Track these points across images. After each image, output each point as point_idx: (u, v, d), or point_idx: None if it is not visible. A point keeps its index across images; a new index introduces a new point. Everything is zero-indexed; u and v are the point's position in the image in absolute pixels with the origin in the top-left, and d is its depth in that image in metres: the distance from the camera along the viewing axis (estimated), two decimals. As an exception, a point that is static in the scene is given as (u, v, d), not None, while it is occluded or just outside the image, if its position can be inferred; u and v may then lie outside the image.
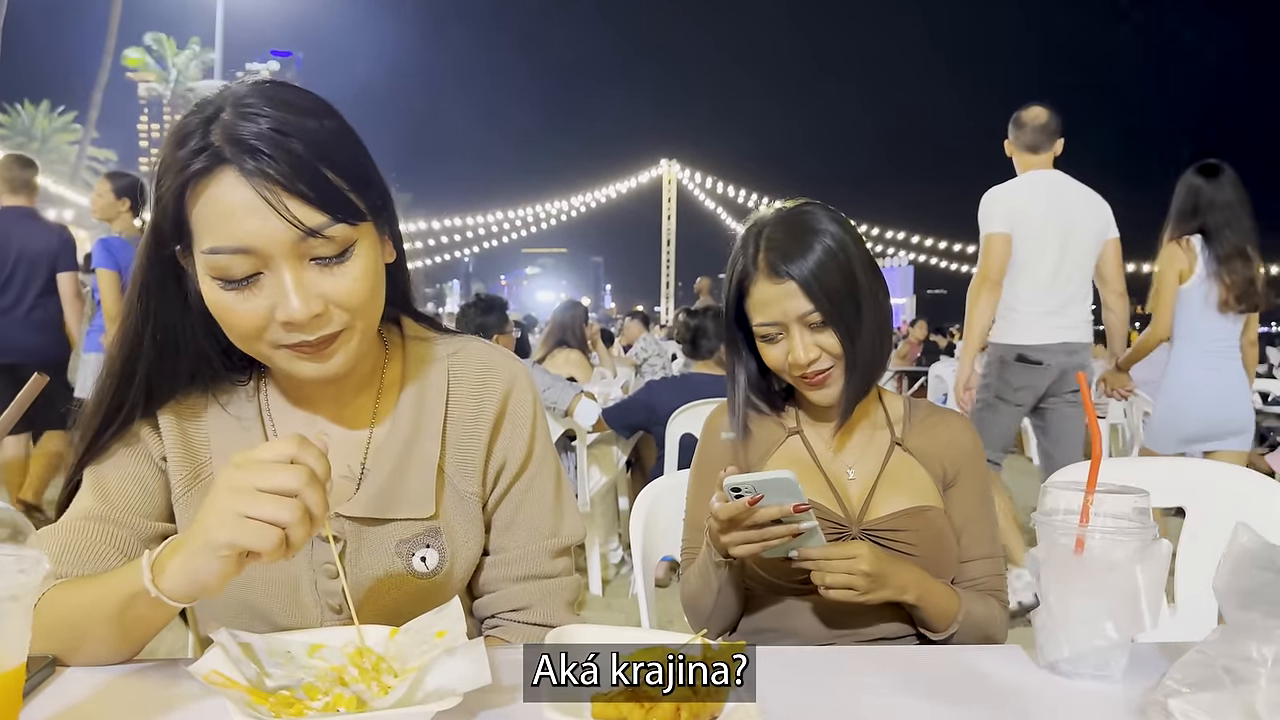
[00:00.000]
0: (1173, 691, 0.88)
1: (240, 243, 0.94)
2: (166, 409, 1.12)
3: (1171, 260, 3.71)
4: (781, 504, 1.24)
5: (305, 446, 0.87)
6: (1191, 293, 3.68)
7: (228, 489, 0.85)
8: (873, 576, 1.30)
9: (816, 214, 1.46)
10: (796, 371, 1.44)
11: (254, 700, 0.81)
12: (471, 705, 0.86)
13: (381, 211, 1.06)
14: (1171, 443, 3.79)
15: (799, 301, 1.40)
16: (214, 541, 0.84)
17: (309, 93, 1.03)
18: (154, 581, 0.88)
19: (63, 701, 0.89)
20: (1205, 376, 3.71)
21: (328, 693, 0.86)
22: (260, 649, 0.91)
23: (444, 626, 0.93)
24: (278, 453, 0.86)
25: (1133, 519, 1.00)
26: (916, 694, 0.97)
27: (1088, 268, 3.90)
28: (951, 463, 1.51)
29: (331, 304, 0.99)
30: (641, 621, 1.59)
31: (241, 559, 0.86)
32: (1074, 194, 3.90)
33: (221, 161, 0.94)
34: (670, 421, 3.75)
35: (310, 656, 0.93)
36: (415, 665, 0.90)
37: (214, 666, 0.84)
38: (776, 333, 1.44)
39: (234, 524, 0.83)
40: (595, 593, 4.29)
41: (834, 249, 1.41)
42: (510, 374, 1.23)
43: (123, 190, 5.02)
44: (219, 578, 0.86)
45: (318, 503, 0.85)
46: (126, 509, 1.09)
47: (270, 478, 0.84)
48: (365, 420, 1.17)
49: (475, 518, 1.19)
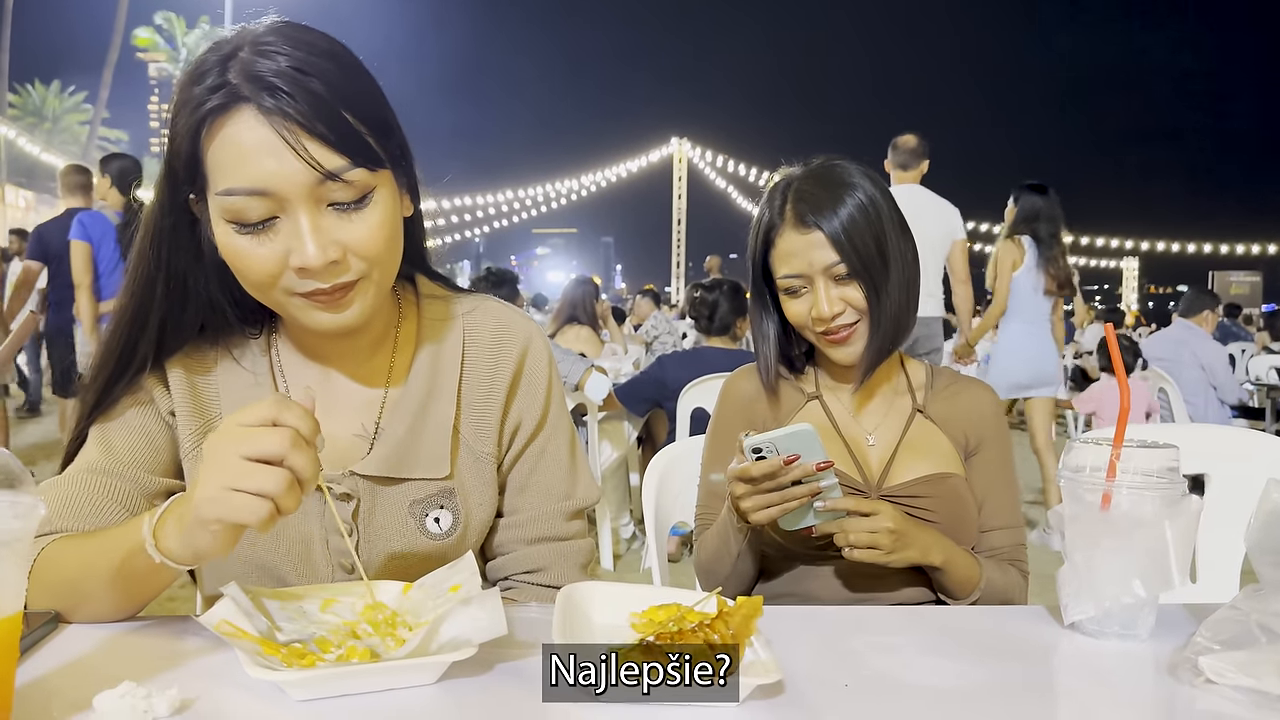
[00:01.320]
0: (1204, 649, 0.85)
1: (256, 184, 0.91)
2: (176, 362, 1.10)
3: (1008, 253, 4.97)
4: (802, 463, 1.21)
5: (286, 406, 0.83)
6: (1023, 279, 4.90)
7: (212, 459, 0.82)
8: (897, 534, 1.27)
9: (847, 168, 1.42)
10: (819, 327, 1.40)
11: (265, 651, 0.80)
12: (487, 658, 0.84)
13: (400, 162, 1.03)
14: (1004, 389, 4.90)
15: (825, 252, 1.37)
16: (204, 518, 0.82)
17: (328, 35, 0.99)
18: (156, 545, 0.86)
19: (64, 656, 0.88)
20: (1029, 341, 4.97)
21: (340, 645, 0.85)
22: (271, 603, 0.90)
23: (458, 580, 0.92)
24: (259, 415, 0.82)
25: (1161, 475, 0.97)
26: (938, 654, 0.94)
27: (934, 262, 4.87)
28: (974, 430, 1.48)
29: (348, 251, 0.96)
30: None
31: (237, 528, 0.83)
32: (927, 203, 4.98)
33: (239, 99, 0.91)
34: (681, 396, 3.72)
35: (323, 611, 0.92)
36: (430, 619, 0.88)
37: (224, 616, 0.83)
38: (801, 285, 1.41)
39: (221, 500, 0.80)
40: (607, 568, 4.28)
41: (864, 203, 1.38)
42: (526, 334, 1.20)
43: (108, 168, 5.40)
44: (217, 549, 0.84)
45: (305, 466, 0.81)
46: (132, 464, 1.07)
47: (253, 444, 0.80)
48: (380, 378, 1.15)
49: (490, 479, 1.17)
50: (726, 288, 4.31)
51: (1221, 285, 29.56)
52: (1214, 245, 38.62)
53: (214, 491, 0.80)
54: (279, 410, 0.82)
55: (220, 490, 0.80)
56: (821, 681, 0.85)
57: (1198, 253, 38.97)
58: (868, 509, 1.27)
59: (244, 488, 0.80)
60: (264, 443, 0.80)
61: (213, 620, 0.81)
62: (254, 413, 0.82)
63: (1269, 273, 30.38)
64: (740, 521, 1.34)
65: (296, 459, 0.81)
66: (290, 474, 0.81)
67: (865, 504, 1.28)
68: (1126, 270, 40.49)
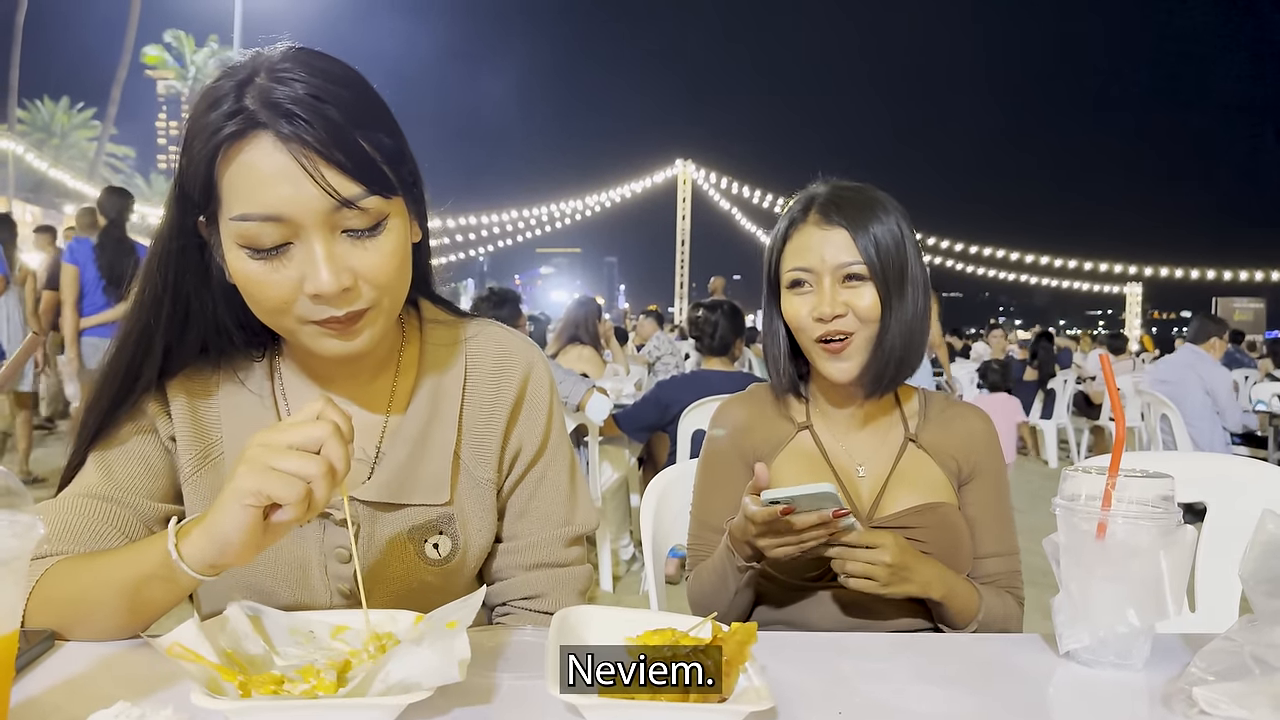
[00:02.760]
0: (1198, 680, 0.85)
1: (272, 210, 0.92)
2: (177, 386, 1.10)
3: None
4: (821, 511, 1.21)
5: (330, 405, 0.87)
6: None
7: (259, 444, 0.85)
8: (894, 568, 1.26)
9: (876, 192, 1.42)
10: (817, 330, 1.39)
11: (224, 676, 0.78)
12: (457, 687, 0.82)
13: (411, 189, 1.03)
14: None
15: (842, 250, 1.36)
16: (241, 488, 0.84)
17: (342, 62, 1.00)
18: (176, 547, 0.87)
19: (60, 675, 0.88)
20: None
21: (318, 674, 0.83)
22: (279, 625, 0.89)
23: (456, 618, 0.90)
24: (307, 412, 0.87)
25: (1156, 504, 0.97)
26: (932, 681, 0.94)
27: None
28: (967, 458, 1.47)
29: (361, 279, 0.96)
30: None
31: (263, 521, 0.85)
32: None
33: (256, 125, 0.92)
34: (682, 418, 3.73)
35: (333, 638, 0.91)
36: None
37: (177, 639, 0.81)
38: (807, 281, 1.40)
39: (262, 473, 0.83)
40: (606, 589, 4.27)
41: (892, 225, 1.38)
42: (528, 360, 1.21)
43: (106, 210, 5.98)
44: (241, 533, 0.84)
45: (341, 456, 0.85)
46: (131, 489, 1.07)
47: (297, 433, 0.85)
48: (382, 403, 1.15)
49: (489, 504, 1.17)
50: (726, 308, 4.33)
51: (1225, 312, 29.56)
52: (1218, 272, 38.63)
53: (256, 466, 0.84)
54: (324, 405, 0.87)
55: (262, 467, 0.83)
56: (815, 708, 0.85)
57: (1201, 279, 38.98)
58: (870, 542, 1.26)
59: (284, 468, 0.83)
60: (309, 430, 0.85)
61: (164, 644, 0.79)
62: (303, 411, 0.87)
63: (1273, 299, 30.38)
64: (743, 561, 1.33)
65: (334, 448, 0.85)
66: (327, 461, 0.84)
67: (869, 536, 1.27)
68: (1130, 296, 40.50)
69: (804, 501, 1.20)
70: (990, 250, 38.56)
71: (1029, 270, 40.27)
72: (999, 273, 40.04)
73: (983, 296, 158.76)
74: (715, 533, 1.49)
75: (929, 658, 1.03)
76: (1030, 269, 40.11)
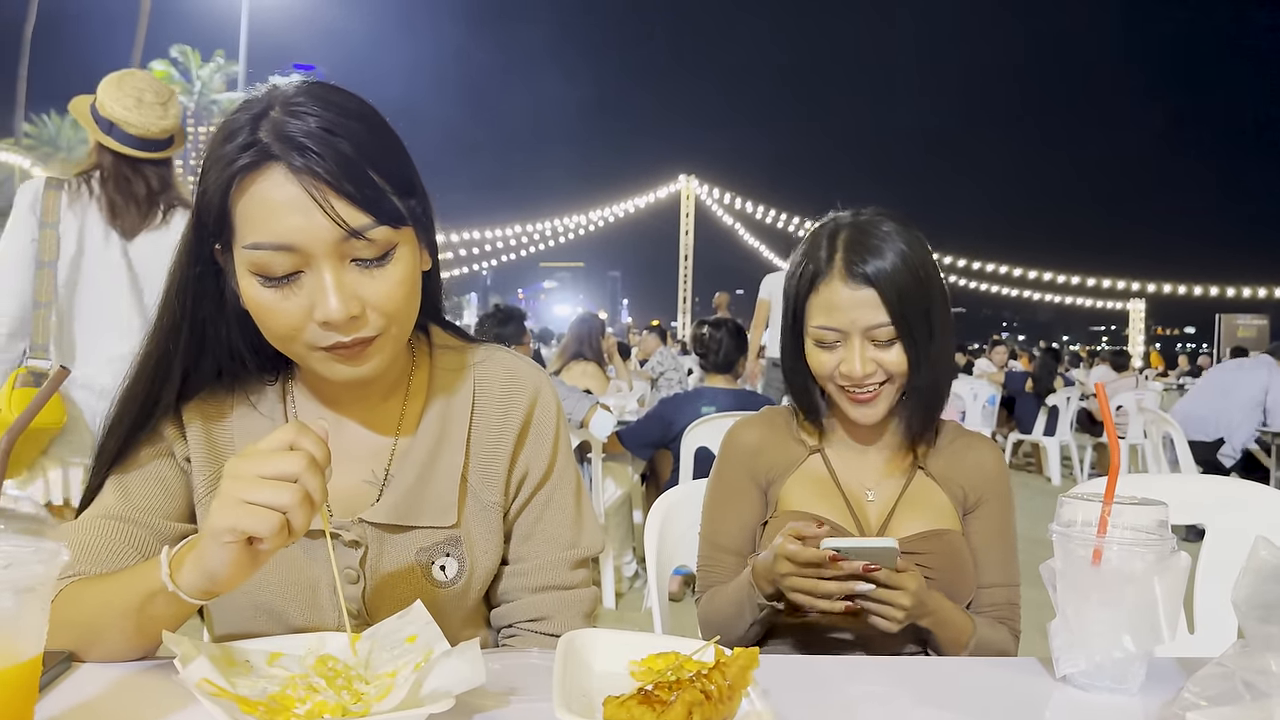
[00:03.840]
0: (1191, 705, 0.87)
1: (283, 239, 0.95)
2: (192, 409, 1.13)
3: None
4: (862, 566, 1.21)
5: (304, 432, 0.87)
6: None
7: (230, 477, 0.85)
8: (910, 611, 1.26)
9: (899, 227, 1.40)
10: (845, 383, 1.39)
11: (243, 709, 0.80)
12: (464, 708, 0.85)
13: (421, 218, 1.06)
14: None
15: (872, 312, 1.35)
16: (217, 527, 0.84)
17: (356, 95, 1.03)
18: (171, 576, 0.89)
19: (78, 696, 0.90)
20: None
21: (304, 701, 0.84)
22: (220, 660, 0.89)
23: (413, 631, 0.92)
24: (278, 440, 0.86)
25: (1152, 531, 0.99)
26: (931, 704, 0.96)
27: None
28: (974, 488, 1.48)
29: (369, 307, 0.99)
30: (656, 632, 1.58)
31: (249, 549, 0.86)
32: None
33: (269, 158, 0.95)
34: (685, 435, 3.74)
35: (270, 665, 0.92)
36: (388, 671, 0.89)
37: (205, 675, 0.82)
38: (835, 339, 1.39)
39: (235, 509, 0.84)
40: (609, 606, 4.28)
41: (916, 267, 1.36)
42: (535, 384, 1.23)
43: None
44: (227, 567, 0.86)
45: (317, 487, 0.86)
46: (148, 510, 1.09)
47: (270, 464, 0.85)
48: (391, 426, 1.17)
49: (496, 527, 1.19)
50: (730, 327, 4.36)
51: (1229, 328, 29.51)
52: (1221, 288, 38.56)
53: (229, 502, 0.84)
54: (296, 435, 0.87)
55: (235, 502, 0.84)
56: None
57: (1205, 295, 38.92)
58: (898, 583, 1.24)
59: (258, 500, 0.83)
60: (280, 463, 0.85)
61: (193, 678, 0.81)
62: (274, 438, 0.87)
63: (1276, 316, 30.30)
64: (763, 599, 1.33)
65: (310, 480, 0.85)
66: (303, 490, 0.84)
67: (895, 578, 1.24)
68: (1133, 312, 40.45)
69: (865, 555, 1.21)
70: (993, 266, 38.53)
71: (1032, 286, 40.21)
72: (1001, 288, 40.00)
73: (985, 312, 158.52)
74: (725, 553, 1.51)
75: (929, 681, 1.04)
76: (1033, 285, 40.06)
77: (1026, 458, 10.67)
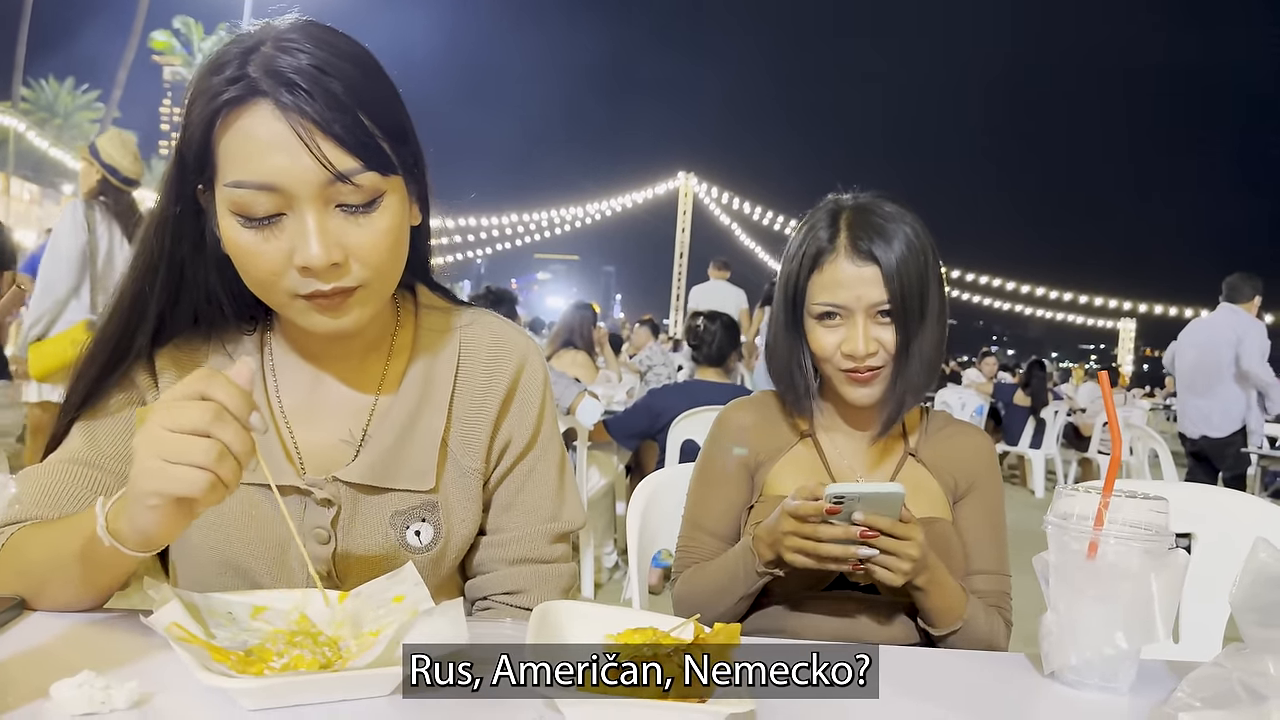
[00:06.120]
0: (1184, 705, 0.84)
1: (266, 178, 0.91)
2: (166, 355, 1.09)
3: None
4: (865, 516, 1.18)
5: (213, 380, 0.82)
6: None
7: (142, 435, 0.80)
8: (917, 562, 1.22)
9: (900, 209, 1.40)
10: (847, 364, 1.38)
11: (214, 657, 0.77)
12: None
13: (413, 170, 1.02)
14: None
15: (876, 289, 1.35)
16: (141, 491, 0.80)
17: (351, 37, 0.99)
18: (108, 528, 0.85)
19: (25, 643, 0.86)
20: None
21: (283, 654, 0.81)
22: (200, 608, 0.87)
23: (401, 591, 0.90)
24: (186, 390, 0.81)
25: (1149, 526, 0.96)
26: (916, 697, 0.93)
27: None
28: (964, 476, 1.47)
29: (352, 256, 0.95)
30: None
31: (180, 504, 0.81)
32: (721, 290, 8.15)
33: (256, 93, 0.91)
34: (672, 427, 3.71)
35: (253, 619, 0.89)
36: (372, 630, 0.86)
37: (175, 619, 0.80)
38: (837, 317, 1.38)
39: (156, 472, 0.79)
40: (587, 595, 4.25)
41: (917, 248, 1.36)
42: (523, 351, 1.19)
43: None
44: (161, 527, 0.82)
45: (234, 438, 0.80)
46: (115, 456, 1.05)
47: (176, 417, 0.79)
48: (372, 385, 1.13)
49: (475, 495, 1.15)
50: (725, 320, 4.34)
51: (1217, 351, 29.67)
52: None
53: (148, 464, 0.79)
54: (206, 384, 0.81)
55: (154, 462, 0.79)
56: (796, 714, 0.83)
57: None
58: (904, 533, 1.21)
59: (175, 459, 0.78)
60: (186, 415, 0.79)
61: (162, 622, 0.78)
62: (182, 387, 0.81)
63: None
64: (762, 565, 1.30)
65: (223, 431, 0.80)
66: (221, 445, 0.79)
67: (901, 527, 1.21)
68: (1123, 331, 40.64)
69: (871, 502, 1.18)
70: (986, 279, 38.63)
71: (1024, 300, 40.35)
72: (994, 301, 40.11)
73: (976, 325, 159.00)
74: (708, 535, 1.48)
75: (913, 673, 1.01)
76: (1025, 299, 40.19)
77: (1011, 470, 10.70)
